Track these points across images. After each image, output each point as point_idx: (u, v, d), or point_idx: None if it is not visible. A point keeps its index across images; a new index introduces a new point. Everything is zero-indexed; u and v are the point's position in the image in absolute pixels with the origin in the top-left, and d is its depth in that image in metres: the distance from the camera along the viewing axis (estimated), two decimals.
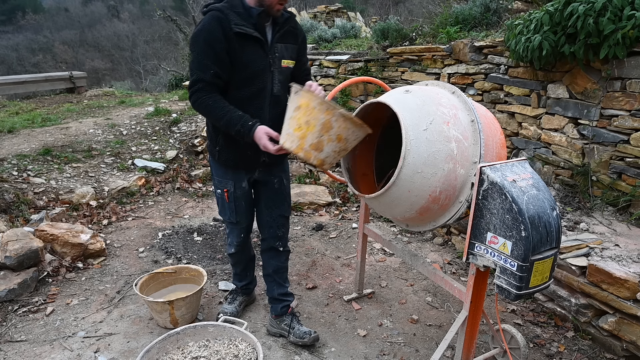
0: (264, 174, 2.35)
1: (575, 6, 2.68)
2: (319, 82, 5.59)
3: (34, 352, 2.38)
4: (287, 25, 2.15)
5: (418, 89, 2.02)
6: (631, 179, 2.76)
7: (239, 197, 2.34)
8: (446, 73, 4.19)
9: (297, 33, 2.22)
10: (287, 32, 2.16)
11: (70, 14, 38.53)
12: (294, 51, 2.21)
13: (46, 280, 3.02)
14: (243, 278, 2.71)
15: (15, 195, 3.82)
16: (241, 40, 2.00)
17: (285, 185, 2.43)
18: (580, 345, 2.44)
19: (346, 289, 3.03)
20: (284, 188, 2.42)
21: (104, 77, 25.15)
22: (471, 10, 4.36)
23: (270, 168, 2.34)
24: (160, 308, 2.50)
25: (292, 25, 2.18)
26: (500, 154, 1.96)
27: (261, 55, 2.08)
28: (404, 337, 2.54)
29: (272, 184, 2.37)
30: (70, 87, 8.61)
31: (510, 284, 1.70)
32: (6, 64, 27.70)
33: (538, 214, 1.65)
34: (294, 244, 3.67)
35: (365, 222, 2.68)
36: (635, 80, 2.65)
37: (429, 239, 3.76)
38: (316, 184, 4.76)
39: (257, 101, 2.13)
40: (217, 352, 2.04)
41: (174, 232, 3.82)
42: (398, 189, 1.85)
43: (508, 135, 3.68)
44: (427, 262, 2.29)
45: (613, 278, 2.23)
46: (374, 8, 19.87)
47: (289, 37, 2.18)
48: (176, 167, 5.10)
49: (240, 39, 2.00)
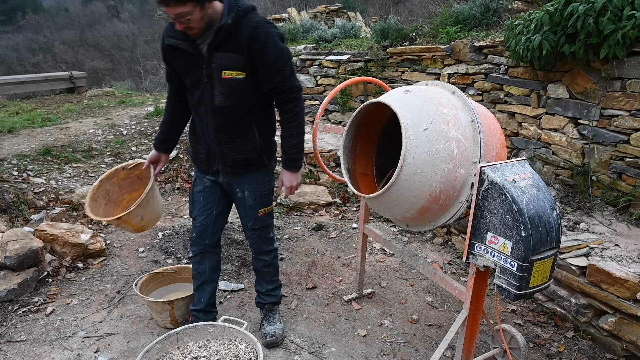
0: (227, 183, 2.27)
1: (575, 6, 2.68)
2: (319, 82, 5.60)
3: (34, 352, 2.38)
4: (232, 32, 1.92)
5: (418, 89, 2.02)
6: (631, 179, 2.76)
7: (198, 192, 2.33)
8: (446, 73, 4.19)
9: (247, 41, 1.93)
10: (230, 39, 1.93)
11: (70, 14, 38.52)
12: (239, 61, 1.96)
13: (46, 280, 3.02)
14: (197, 300, 2.41)
15: (15, 195, 3.82)
16: (173, 51, 2.07)
17: (248, 197, 2.25)
18: (580, 345, 2.44)
19: (346, 289, 3.03)
20: (246, 200, 2.26)
21: (104, 77, 25.14)
22: (471, 10, 4.37)
23: (229, 177, 2.24)
24: (161, 308, 2.50)
25: (241, 32, 1.93)
26: (500, 154, 1.96)
27: (194, 66, 2.03)
28: (404, 337, 2.54)
29: (235, 194, 2.29)
30: (70, 87, 8.60)
31: (510, 284, 1.70)
32: (6, 64, 27.69)
33: (538, 214, 1.65)
34: (294, 244, 3.68)
35: (365, 222, 2.68)
36: (635, 80, 2.65)
37: (429, 239, 3.76)
38: (316, 184, 4.76)
39: (200, 110, 2.13)
40: (217, 352, 2.04)
41: (174, 232, 3.82)
42: (398, 189, 1.85)
43: (508, 135, 3.68)
44: (427, 262, 2.29)
45: (613, 278, 2.23)
46: (374, 8, 19.86)
47: (233, 46, 1.94)
48: (176, 167, 5.10)
49: (172, 50, 2.07)
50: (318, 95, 5.67)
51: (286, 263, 3.36)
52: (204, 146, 2.21)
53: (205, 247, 2.38)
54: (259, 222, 2.33)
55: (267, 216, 2.35)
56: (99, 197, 2.39)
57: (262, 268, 2.48)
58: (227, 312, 2.72)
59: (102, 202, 2.40)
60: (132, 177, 2.52)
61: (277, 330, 2.46)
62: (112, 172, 2.46)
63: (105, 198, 2.42)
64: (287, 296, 2.93)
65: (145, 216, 2.35)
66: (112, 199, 2.45)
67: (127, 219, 2.26)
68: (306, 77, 5.71)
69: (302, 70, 5.76)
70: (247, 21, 1.93)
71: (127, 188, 2.50)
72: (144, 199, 2.27)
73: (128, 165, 2.49)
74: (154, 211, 2.41)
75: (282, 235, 3.81)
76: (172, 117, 2.34)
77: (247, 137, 2.14)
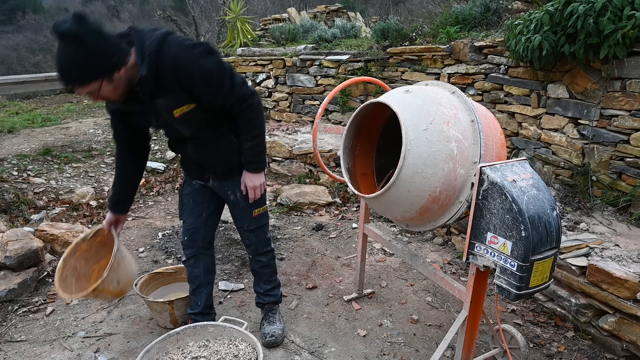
0: (218, 187, 2.25)
1: (575, 6, 2.68)
2: (319, 82, 5.60)
3: (34, 352, 2.39)
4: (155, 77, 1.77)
5: (418, 89, 2.02)
6: (631, 179, 2.76)
7: (187, 194, 2.31)
8: (446, 73, 4.19)
9: (173, 77, 1.78)
10: (159, 82, 1.78)
11: (71, 14, 38.49)
12: (180, 98, 1.85)
13: (46, 280, 3.02)
14: (194, 303, 2.41)
15: (15, 195, 3.82)
16: (118, 113, 2.02)
17: (240, 198, 2.22)
18: (580, 345, 2.44)
19: (346, 289, 3.03)
20: (239, 202, 2.23)
21: None
22: (471, 10, 4.37)
23: (222, 181, 2.22)
24: (161, 308, 2.50)
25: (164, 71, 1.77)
26: (500, 154, 1.96)
27: (147, 116, 1.98)
28: (404, 337, 2.54)
29: (227, 197, 2.25)
30: None
31: (510, 284, 1.70)
32: (6, 64, 27.68)
33: (538, 214, 1.65)
34: (294, 244, 3.68)
35: (365, 222, 2.68)
36: (635, 80, 2.65)
37: (429, 239, 3.76)
38: (316, 184, 4.76)
39: (176, 142, 2.16)
40: (217, 352, 2.04)
41: (174, 232, 3.82)
42: (398, 189, 1.85)
43: (508, 135, 3.68)
44: (427, 262, 2.29)
45: (613, 278, 2.23)
46: (374, 8, 19.86)
47: (165, 87, 1.80)
48: (176, 167, 5.10)
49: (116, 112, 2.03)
50: (318, 95, 5.67)
51: (286, 263, 3.36)
52: (193, 161, 2.21)
53: (199, 249, 2.35)
54: (254, 223, 2.30)
55: (262, 216, 2.32)
56: (67, 275, 2.25)
57: (259, 269, 2.46)
58: (227, 312, 2.72)
59: (72, 280, 2.26)
60: (95, 246, 2.40)
61: (277, 330, 2.46)
62: (72, 247, 2.33)
63: (74, 275, 2.28)
64: (287, 296, 2.93)
65: (121, 279, 2.25)
66: (81, 274, 2.31)
67: (103, 287, 2.14)
68: (306, 77, 5.72)
69: (302, 70, 5.77)
70: (163, 58, 1.74)
71: (93, 258, 2.37)
72: (114, 263, 2.18)
73: (88, 236, 2.37)
74: (127, 272, 2.31)
75: (282, 235, 3.81)
76: (123, 177, 2.22)
77: (227, 146, 2.10)
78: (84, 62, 1.57)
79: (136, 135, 2.14)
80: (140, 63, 1.73)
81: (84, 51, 1.56)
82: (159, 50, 1.73)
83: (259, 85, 6.31)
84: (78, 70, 1.59)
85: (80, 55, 1.56)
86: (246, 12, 7.78)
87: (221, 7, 11.55)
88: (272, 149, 5.17)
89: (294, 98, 5.95)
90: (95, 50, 1.57)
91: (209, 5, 17.02)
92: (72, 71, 1.59)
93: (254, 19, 8.87)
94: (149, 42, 1.73)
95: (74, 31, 1.53)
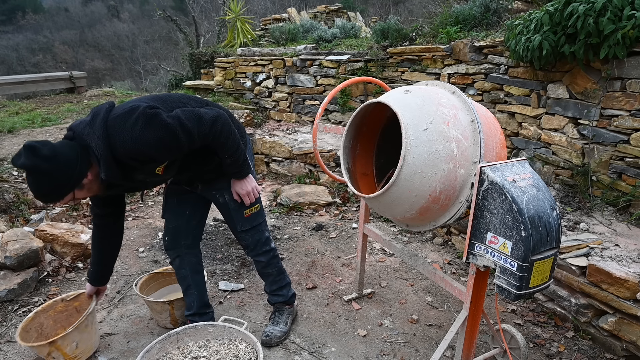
0: (206, 190, 2.25)
1: (575, 6, 2.68)
2: (319, 82, 5.60)
3: (34, 352, 2.38)
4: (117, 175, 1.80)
5: (418, 89, 2.02)
6: (631, 179, 2.76)
7: (171, 193, 2.31)
8: (446, 73, 4.19)
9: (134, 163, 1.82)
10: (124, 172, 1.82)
11: (70, 14, 38.51)
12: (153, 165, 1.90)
13: (46, 280, 3.02)
14: (188, 305, 2.40)
15: (15, 195, 3.82)
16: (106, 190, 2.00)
17: (230, 201, 2.22)
18: (580, 345, 2.44)
19: (346, 289, 3.03)
20: (228, 204, 2.23)
21: (104, 77, 25.15)
22: (471, 10, 4.37)
23: (209, 185, 2.23)
24: (161, 308, 2.50)
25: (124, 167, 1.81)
26: (500, 154, 1.96)
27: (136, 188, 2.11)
28: (404, 337, 2.54)
29: (217, 200, 2.25)
30: (70, 87, 8.61)
31: (510, 284, 1.70)
32: (6, 64, 27.70)
33: (538, 214, 1.65)
34: (294, 244, 3.68)
35: (365, 222, 2.68)
36: (635, 80, 2.65)
37: (429, 239, 3.77)
38: (316, 184, 4.77)
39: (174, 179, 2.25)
40: (217, 352, 2.04)
41: None
42: (398, 189, 1.85)
43: (508, 135, 3.69)
44: (427, 262, 2.29)
45: (613, 278, 2.23)
46: (374, 8, 19.87)
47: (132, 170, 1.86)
48: None
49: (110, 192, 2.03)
50: (318, 95, 5.68)
51: (286, 263, 3.36)
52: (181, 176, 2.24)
53: (182, 248, 2.35)
54: (247, 224, 2.28)
55: (254, 216, 2.28)
56: (31, 329, 2.25)
57: (262, 270, 2.45)
58: (227, 312, 2.72)
59: (34, 334, 2.25)
60: (70, 310, 2.41)
61: (275, 332, 2.43)
62: (50, 303, 2.35)
63: (37, 331, 2.28)
64: None
65: (81, 344, 2.23)
66: (43, 333, 2.29)
67: (62, 344, 2.13)
68: (306, 77, 5.72)
69: (302, 70, 5.77)
70: (115, 154, 1.76)
71: (63, 322, 2.37)
72: (83, 323, 2.18)
73: (68, 297, 2.39)
74: (90, 340, 2.30)
75: (282, 235, 3.81)
76: (101, 255, 2.28)
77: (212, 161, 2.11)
78: (48, 187, 1.70)
79: (114, 209, 2.19)
80: (99, 167, 1.77)
81: (44, 178, 1.68)
82: (107, 146, 1.75)
83: (259, 85, 6.31)
84: (47, 194, 1.72)
85: (42, 183, 1.69)
86: (246, 12, 7.78)
87: (221, 7, 11.56)
88: (272, 149, 5.18)
89: (294, 98, 5.95)
90: (53, 174, 1.68)
91: (209, 5, 17.04)
92: (43, 195, 1.73)
93: (254, 19, 8.88)
94: (94, 143, 1.74)
95: (28, 165, 1.64)
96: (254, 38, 7.23)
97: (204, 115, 1.90)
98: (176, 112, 1.87)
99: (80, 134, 1.78)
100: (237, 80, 6.52)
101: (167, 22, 12.10)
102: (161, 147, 1.79)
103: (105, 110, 1.79)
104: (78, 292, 2.45)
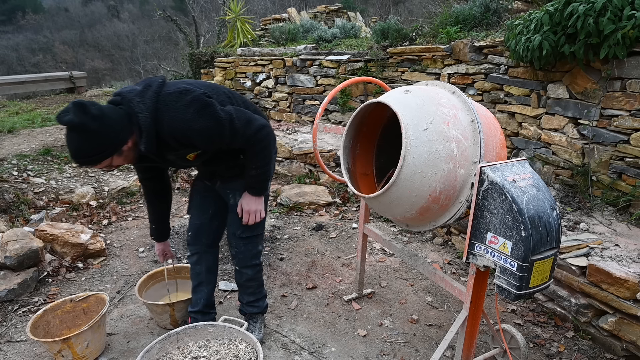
0: (222, 188, 2.27)
1: (575, 6, 2.68)
2: (319, 82, 5.60)
3: (34, 352, 2.38)
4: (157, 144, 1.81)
5: (418, 89, 2.02)
6: (631, 179, 2.76)
7: (195, 190, 2.37)
8: (446, 73, 4.19)
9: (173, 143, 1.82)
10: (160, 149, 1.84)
11: (70, 14, 38.51)
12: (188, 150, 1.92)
13: (46, 280, 3.02)
14: (195, 301, 2.42)
15: (15, 195, 3.82)
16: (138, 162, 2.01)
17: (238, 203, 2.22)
18: (580, 345, 2.44)
19: (346, 289, 3.03)
20: (237, 205, 2.21)
21: (104, 77, 25.14)
22: (471, 10, 4.37)
23: (226, 183, 2.24)
24: (161, 310, 2.50)
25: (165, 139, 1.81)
26: (500, 154, 1.96)
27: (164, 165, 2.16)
28: (404, 337, 2.54)
29: (228, 199, 2.27)
30: (70, 87, 8.61)
31: (510, 284, 1.70)
32: (6, 64, 27.69)
33: (538, 214, 1.65)
34: (294, 244, 3.68)
35: (365, 222, 2.68)
36: (635, 80, 2.65)
37: (429, 239, 3.76)
38: (316, 184, 4.76)
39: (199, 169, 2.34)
40: (217, 352, 2.04)
41: (174, 232, 3.81)
42: (398, 189, 1.85)
43: (508, 135, 3.69)
44: (427, 262, 2.29)
45: (613, 278, 2.23)
46: (374, 8, 19.87)
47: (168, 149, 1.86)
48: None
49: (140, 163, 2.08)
50: (318, 95, 5.68)
51: (286, 263, 3.36)
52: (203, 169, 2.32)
53: (202, 246, 2.37)
54: (248, 231, 2.25)
55: (256, 226, 2.26)
56: (39, 326, 2.27)
57: (244, 282, 2.40)
58: (227, 312, 2.72)
59: (42, 332, 2.27)
60: (77, 311, 2.43)
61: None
62: (58, 303, 2.37)
63: (44, 329, 2.30)
64: (287, 296, 2.93)
65: (92, 344, 2.24)
66: (50, 332, 2.32)
67: (75, 342, 2.14)
68: (306, 77, 5.72)
69: (302, 70, 5.77)
70: (160, 129, 1.76)
71: (69, 323, 2.40)
72: (97, 322, 2.19)
73: (77, 298, 2.40)
74: (100, 340, 2.32)
75: (282, 235, 3.81)
76: (156, 212, 2.37)
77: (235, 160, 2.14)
78: (90, 148, 1.66)
79: (157, 174, 2.26)
80: (139, 137, 1.77)
81: (89, 138, 1.64)
82: (154, 120, 1.75)
83: (259, 85, 6.31)
84: (87, 155, 1.68)
85: (85, 143, 1.65)
86: (246, 12, 7.77)
87: (221, 7, 11.55)
88: None
89: (294, 98, 5.95)
90: (99, 135, 1.65)
91: (209, 5, 17.03)
92: (82, 156, 1.69)
93: (254, 19, 8.87)
94: (142, 114, 1.74)
95: (76, 122, 1.60)
96: (254, 38, 7.23)
97: (254, 120, 1.96)
98: (229, 108, 1.90)
99: (130, 101, 1.76)
100: (237, 80, 6.52)
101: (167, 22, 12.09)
102: (206, 136, 1.82)
103: (158, 84, 1.80)
104: (87, 293, 2.46)
